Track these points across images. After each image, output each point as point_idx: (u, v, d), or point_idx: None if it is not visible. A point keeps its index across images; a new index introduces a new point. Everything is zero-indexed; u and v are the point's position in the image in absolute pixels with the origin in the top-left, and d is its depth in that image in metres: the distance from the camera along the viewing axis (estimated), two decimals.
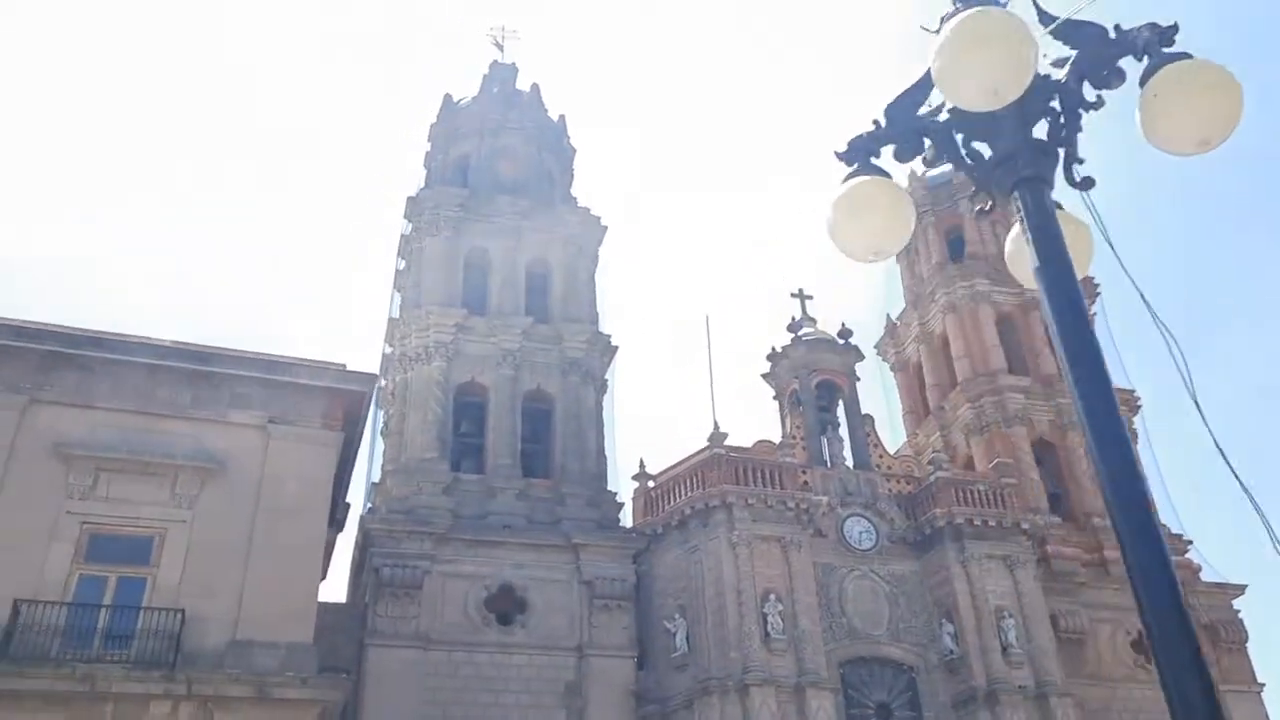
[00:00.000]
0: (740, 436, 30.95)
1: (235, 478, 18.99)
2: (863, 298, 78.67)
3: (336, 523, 24.62)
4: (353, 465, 22.92)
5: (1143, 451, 36.88)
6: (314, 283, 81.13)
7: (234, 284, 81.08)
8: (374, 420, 32.73)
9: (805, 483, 30.22)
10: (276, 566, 18.31)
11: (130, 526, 18.02)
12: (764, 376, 34.80)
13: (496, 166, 37.07)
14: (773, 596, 26.98)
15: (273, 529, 18.65)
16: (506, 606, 27.61)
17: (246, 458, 19.24)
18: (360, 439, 22.05)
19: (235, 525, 18.51)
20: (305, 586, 18.52)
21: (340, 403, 20.40)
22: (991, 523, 29.58)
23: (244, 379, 19.76)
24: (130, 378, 19.05)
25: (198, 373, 19.51)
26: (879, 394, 43.30)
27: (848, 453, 31.92)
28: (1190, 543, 34.73)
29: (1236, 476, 4.49)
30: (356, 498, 31.20)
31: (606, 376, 34.11)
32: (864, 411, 33.27)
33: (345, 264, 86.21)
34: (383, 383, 33.71)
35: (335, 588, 31.25)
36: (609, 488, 31.48)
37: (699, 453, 29.75)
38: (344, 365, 20.62)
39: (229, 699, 16.70)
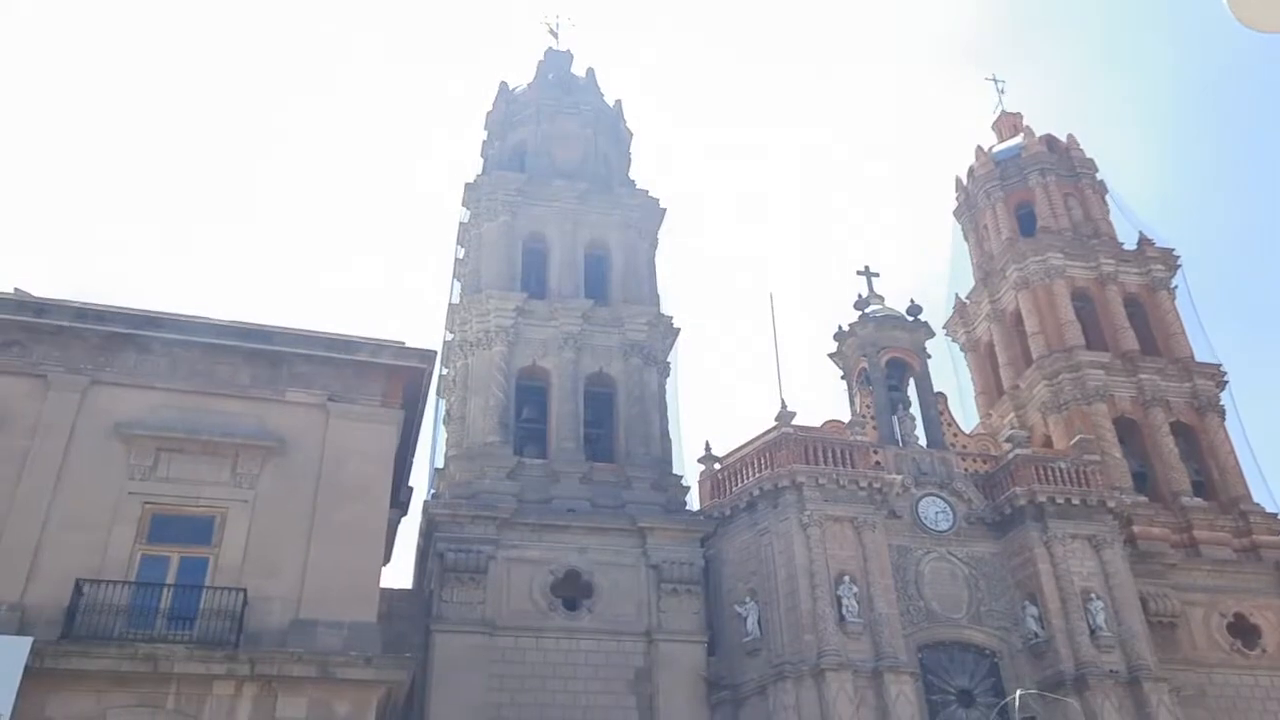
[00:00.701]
0: (808, 418, 29.99)
1: (295, 457, 18.67)
2: (927, 278, 76.71)
3: (400, 505, 24.25)
4: (414, 447, 22.53)
5: (1231, 427, 35.28)
6: (375, 280, 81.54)
7: (296, 281, 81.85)
8: (436, 408, 32.53)
9: (877, 463, 29.21)
10: (339, 546, 17.93)
11: (191, 506, 17.77)
12: (831, 356, 33.77)
13: (553, 151, 36.60)
14: (847, 578, 26.03)
15: (334, 508, 18.28)
16: (573, 591, 27.07)
17: (306, 436, 18.91)
18: (421, 419, 21.64)
19: (296, 504, 18.18)
20: (368, 566, 18.12)
21: (400, 380, 19.98)
22: (1075, 501, 28.27)
23: (303, 357, 19.43)
24: (189, 357, 18.84)
25: (256, 351, 19.24)
26: (949, 376, 42.06)
27: (920, 432, 30.82)
28: None
29: None
30: (420, 484, 30.97)
31: (669, 359, 33.45)
32: (936, 390, 32.11)
33: (403, 262, 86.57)
34: (444, 371, 33.48)
35: (401, 574, 31.04)
36: (674, 471, 30.80)
37: (767, 433, 28.92)
38: (403, 343, 20.20)
39: (292, 679, 16.33)
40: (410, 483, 25.32)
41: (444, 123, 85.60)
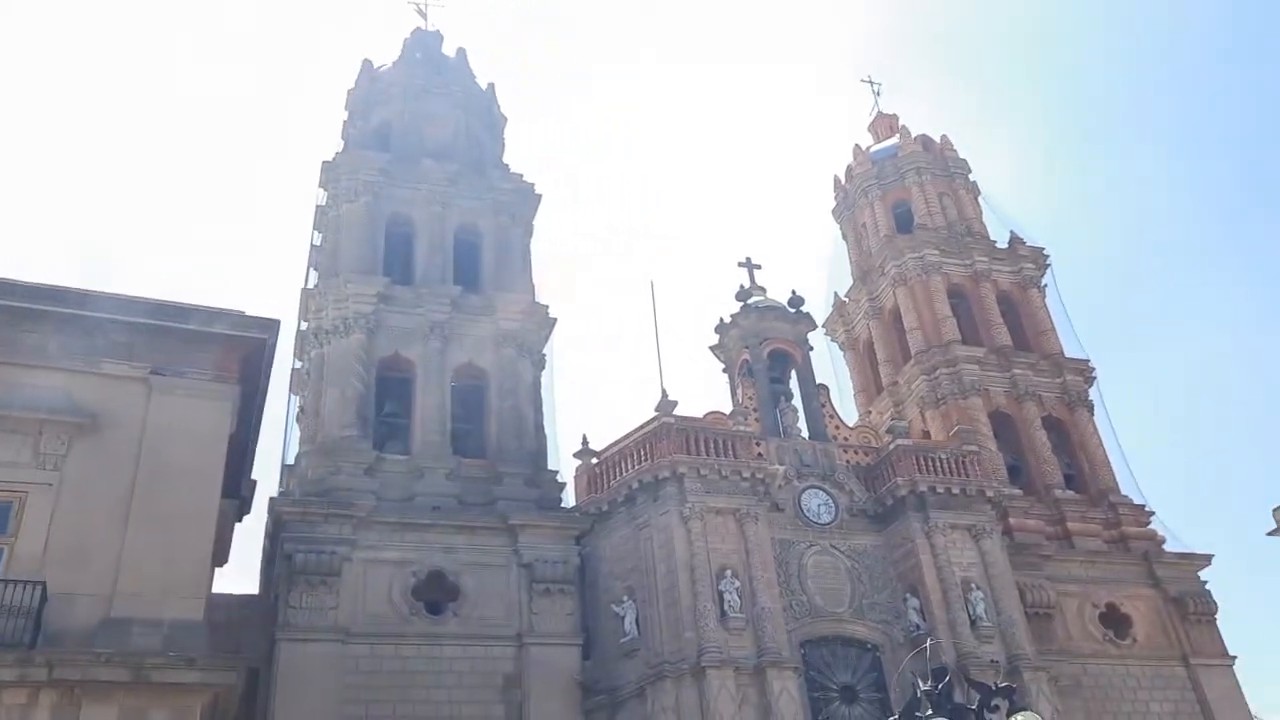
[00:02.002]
0: (689, 412, 28.86)
1: (111, 435, 16.34)
2: (809, 277, 77.20)
3: (241, 501, 21.96)
4: (257, 433, 20.31)
5: (1100, 422, 35.79)
6: (224, 269, 76.28)
7: (144, 262, 76.20)
8: (288, 403, 30.17)
9: (760, 454, 28.24)
10: (160, 535, 15.70)
11: None
12: (713, 348, 32.78)
13: (421, 132, 34.66)
14: (729, 572, 24.88)
15: (155, 493, 16.03)
16: (437, 594, 25.14)
17: (124, 413, 16.59)
18: (263, 400, 19.47)
19: (111, 488, 15.87)
20: (194, 557, 15.94)
21: (237, 353, 17.83)
22: (955, 491, 27.89)
23: (122, 325, 17.07)
24: None
25: (68, 318, 16.82)
26: (829, 374, 41.68)
27: (803, 425, 30.05)
28: (1153, 514, 33.51)
29: None
30: (267, 481, 28.53)
31: (544, 350, 31.83)
32: (818, 382, 31.43)
33: (260, 249, 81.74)
34: (298, 364, 31.12)
35: (246, 579, 28.39)
36: (550, 467, 29.17)
37: (646, 424, 27.60)
38: (242, 312, 18.08)
39: (99, 684, 14.04)
40: (255, 476, 23.07)
41: (301, 103, 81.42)
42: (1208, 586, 31.86)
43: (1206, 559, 32.28)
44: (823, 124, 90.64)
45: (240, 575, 42.73)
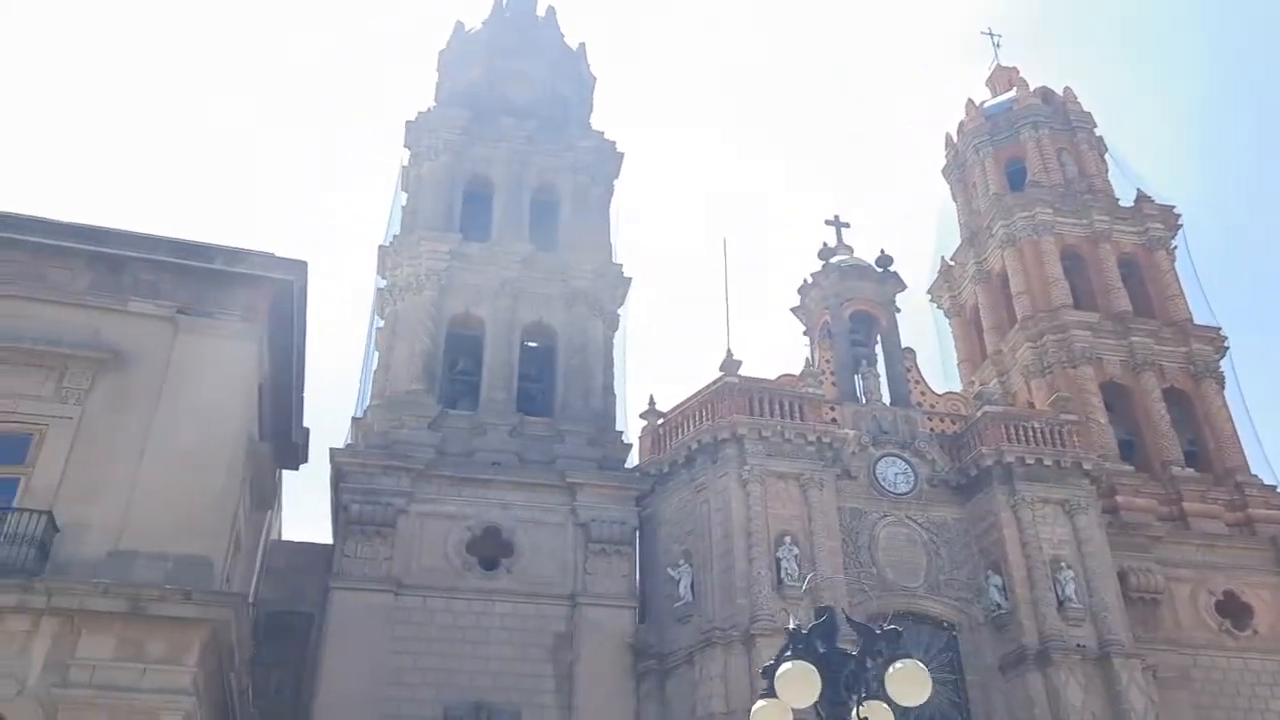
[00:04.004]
0: (766, 374, 27.70)
1: (135, 372, 16.50)
2: (921, 243, 73.91)
3: (294, 449, 22.14)
4: (300, 379, 20.33)
5: (1231, 395, 32.68)
6: (326, 233, 77.90)
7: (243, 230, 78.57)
8: (366, 357, 30.40)
9: (834, 420, 26.85)
10: (176, 471, 15.76)
11: (4, 421, 15.65)
12: (794, 310, 31.46)
13: (505, 91, 34.40)
14: (788, 539, 23.70)
15: (174, 429, 16.11)
16: (491, 550, 24.88)
17: (150, 351, 16.75)
18: (301, 344, 19.43)
19: (131, 424, 16.03)
20: (209, 493, 15.91)
21: (265, 295, 17.79)
22: (1047, 462, 25.78)
23: (150, 263, 17.26)
24: (17, 259, 16.72)
25: (98, 255, 17.08)
26: (933, 342, 39.59)
27: (885, 390, 28.43)
28: None
29: None
30: (329, 430, 28.96)
31: (619, 310, 31.15)
32: (905, 345, 29.66)
33: (355, 215, 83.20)
34: (380, 323, 31.31)
35: (306, 529, 28.81)
36: (619, 428, 28.51)
37: (712, 384, 26.59)
38: (271, 253, 18.03)
39: (99, 614, 14.18)
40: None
41: (395, 64, 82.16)
42: None
43: None
44: (942, 80, 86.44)
45: (317, 525, 44.20)
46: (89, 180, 71.68)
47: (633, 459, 27.66)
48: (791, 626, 8.43)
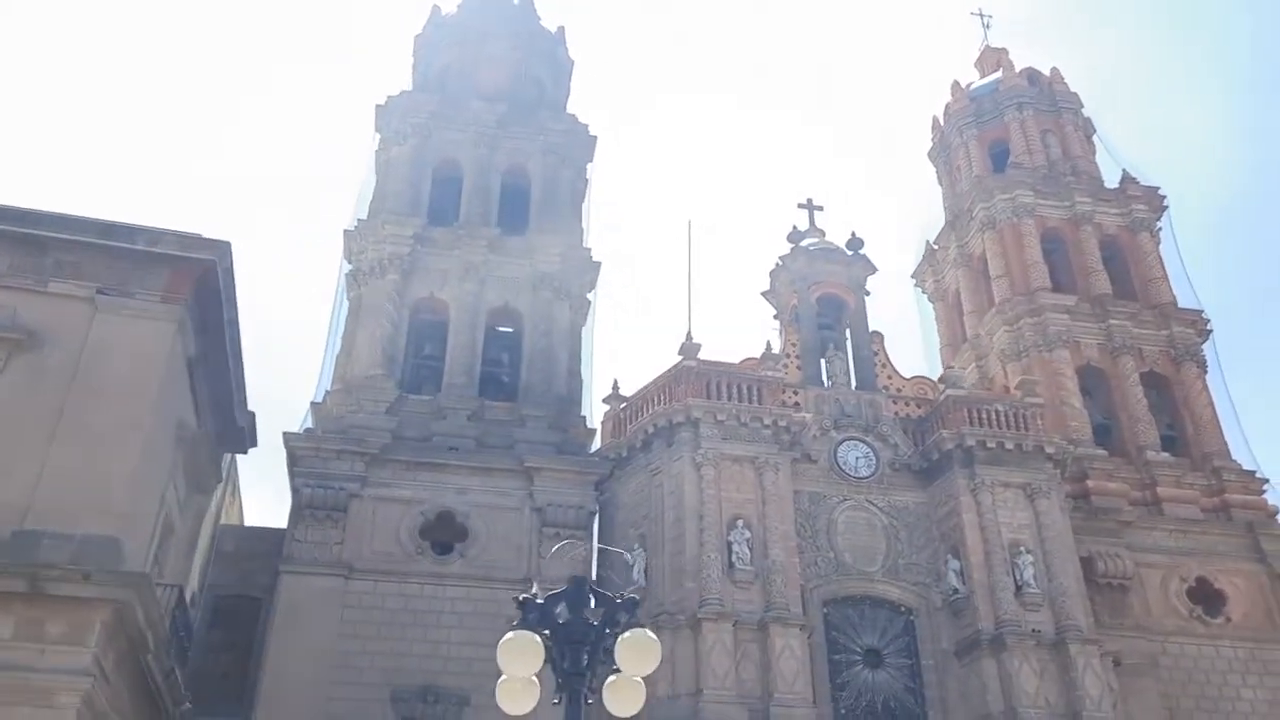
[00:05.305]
0: (735, 359, 27.40)
1: (51, 352, 16.43)
2: (909, 228, 73.04)
3: (240, 433, 22.06)
4: (238, 362, 20.21)
5: (1213, 381, 32.05)
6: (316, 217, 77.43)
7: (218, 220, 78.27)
8: (328, 345, 30.29)
9: (797, 403, 26.54)
10: (86, 451, 15.68)
11: None
12: (764, 294, 31.11)
13: (478, 74, 34.17)
14: (740, 523, 23.44)
15: (86, 409, 16.03)
16: (446, 534, 24.75)
17: (67, 331, 16.66)
18: (231, 327, 19.27)
19: (42, 405, 15.94)
20: (121, 473, 15.81)
21: (188, 275, 17.66)
22: (1009, 446, 25.35)
23: (71, 244, 17.15)
24: None
25: (19, 237, 17.03)
26: (915, 327, 39.16)
27: (852, 374, 28.05)
28: (1266, 481, 29.74)
29: None
30: (279, 417, 28.82)
31: (589, 295, 30.94)
32: (874, 329, 29.24)
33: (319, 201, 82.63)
34: (344, 311, 31.12)
35: (280, 514, 28.67)
36: (584, 412, 28.31)
37: (671, 368, 26.32)
38: (199, 234, 17.91)
39: None
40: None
41: (369, 50, 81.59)
42: None
43: None
44: (933, 62, 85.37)
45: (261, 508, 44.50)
46: (85, 173, 72.00)
47: (597, 444, 27.48)
48: (522, 598, 8.26)
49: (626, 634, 7.75)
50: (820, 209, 31.96)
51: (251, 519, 29.01)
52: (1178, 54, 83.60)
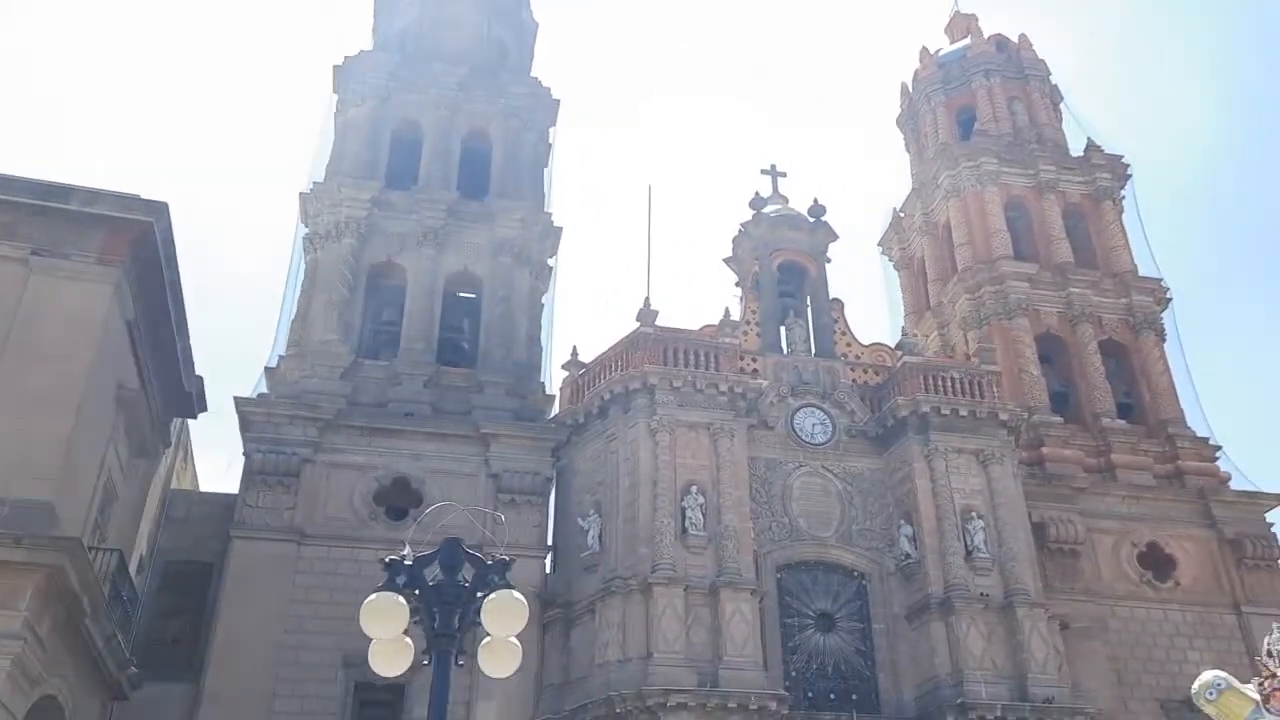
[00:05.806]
0: (697, 325, 27.36)
1: None
2: (887, 197, 72.88)
3: (187, 397, 21.87)
4: (181, 326, 19.97)
5: (1171, 348, 32.27)
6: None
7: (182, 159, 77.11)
8: (283, 309, 29.98)
9: (755, 370, 26.54)
10: (18, 414, 15.52)
11: None
12: (726, 261, 30.98)
13: (438, 35, 33.68)
14: (694, 489, 23.49)
15: (19, 373, 15.84)
16: (401, 500, 24.69)
17: (0, 293, 16.46)
18: (176, 289, 19.05)
19: None
20: (55, 436, 15.67)
21: (124, 237, 17.40)
22: (963, 412, 25.47)
23: (6, 205, 16.87)
24: None
25: None
26: (881, 294, 39.13)
27: (812, 341, 28.06)
28: (1219, 448, 30.05)
29: None
30: (227, 382, 28.60)
31: (550, 261, 30.74)
32: (834, 296, 29.21)
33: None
34: (302, 276, 30.78)
35: (218, 481, 28.52)
36: (543, 379, 28.21)
37: (629, 335, 26.24)
38: (137, 195, 17.61)
39: None
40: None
41: (329, 6, 79.80)
42: (1274, 530, 28.45)
43: (1276, 499, 28.81)
44: (903, 29, 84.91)
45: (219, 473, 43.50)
46: (31, 132, 70.38)
47: (556, 411, 27.41)
48: (389, 560, 8.26)
49: (494, 595, 7.74)
50: (784, 175, 31.84)
51: (208, 485, 28.82)
52: (1151, 23, 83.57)
